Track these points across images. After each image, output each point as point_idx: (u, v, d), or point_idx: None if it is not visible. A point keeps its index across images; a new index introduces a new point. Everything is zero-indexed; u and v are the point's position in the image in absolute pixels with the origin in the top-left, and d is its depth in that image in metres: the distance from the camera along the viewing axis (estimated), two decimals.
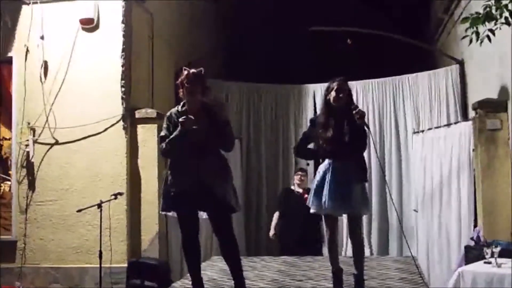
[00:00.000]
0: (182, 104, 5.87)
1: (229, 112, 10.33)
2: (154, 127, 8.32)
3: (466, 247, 7.22)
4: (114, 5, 8.36)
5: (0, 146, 8.67)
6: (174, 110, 5.91)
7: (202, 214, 5.93)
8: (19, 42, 8.52)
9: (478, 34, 5.76)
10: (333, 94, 6.02)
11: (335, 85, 6.03)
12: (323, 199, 5.96)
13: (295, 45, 13.76)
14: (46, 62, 8.43)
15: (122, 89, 8.28)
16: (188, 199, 5.68)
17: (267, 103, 11.08)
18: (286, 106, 11.04)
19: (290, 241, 9.19)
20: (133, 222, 8.22)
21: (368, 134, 6.07)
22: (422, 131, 9.34)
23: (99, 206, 7.03)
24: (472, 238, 7.39)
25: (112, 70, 8.30)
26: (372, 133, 10.19)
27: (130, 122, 8.33)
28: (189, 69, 5.80)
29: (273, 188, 10.85)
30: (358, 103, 10.28)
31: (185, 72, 5.78)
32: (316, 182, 6.14)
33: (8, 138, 8.64)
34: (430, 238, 8.79)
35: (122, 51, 8.33)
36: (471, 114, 8.34)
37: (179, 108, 5.86)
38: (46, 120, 8.37)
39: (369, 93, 10.51)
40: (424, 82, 10.24)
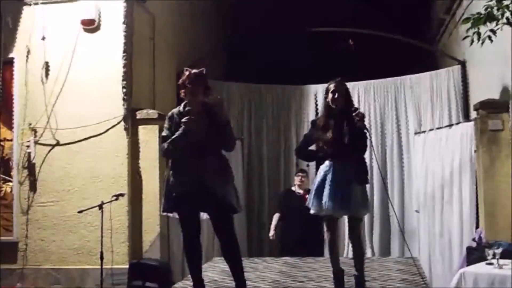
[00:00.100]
0: (183, 104, 5.88)
1: (229, 111, 10.33)
2: (155, 128, 8.31)
3: (468, 248, 7.20)
4: (115, 6, 8.34)
5: (1, 147, 8.65)
6: (175, 110, 5.93)
7: (203, 215, 5.93)
8: (21, 43, 8.50)
9: (479, 34, 5.76)
10: (330, 95, 6.07)
11: (332, 86, 6.08)
12: (323, 200, 5.98)
13: (296, 45, 13.77)
14: (47, 63, 8.41)
15: (123, 90, 8.26)
16: (189, 200, 5.68)
17: (268, 104, 11.07)
18: (287, 106, 11.03)
19: (290, 241, 9.19)
20: (134, 223, 8.21)
21: (368, 136, 6.11)
22: (424, 132, 9.33)
23: (100, 207, 7.01)
24: (473, 239, 7.37)
25: (113, 70, 8.28)
26: (373, 134, 10.24)
27: (131, 123, 8.30)
28: (190, 69, 5.81)
29: (274, 189, 10.84)
30: (360, 104, 10.32)
31: (186, 72, 5.79)
32: (316, 183, 6.16)
33: (9, 139, 8.62)
34: (432, 239, 8.78)
35: (123, 52, 8.31)
36: (473, 114, 8.33)
37: (181, 108, 5.87)
38: (48, 121, 8.36)
39: (370, 93, 10.50)
40: (425, 83, 10.22)
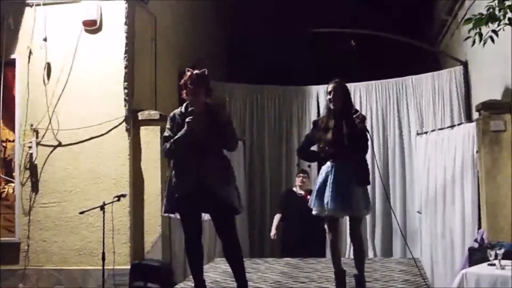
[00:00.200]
0: (185, 105, 5.88)
1: (231, 112, 10.33)
2: (157, 129, 8.30)
3: (470, 249, 7.19)
4: (117, 6, 8.34)
5: (3, 148, 8.66)
6: (177, 111, 5.93)
7: (205, 215, 5.93)
8: (22, 44, 8.50)
9: (481, 35, 5.75)
10: (328, 96, 6.13)
11: (330, 87, 6.13)
12: (325, 201, 5.99)
13: (297, 46, 13.76)
14: (49, 64, 8.41)
15: (125, 90, 8.25)
16: (191, 201, 5.68)
17: (270, 105, 11.07)
18: (289, 107, 11.03)
19: (291, 242, 9.20)
20: (136, 224, 8.20)
21: (369, 137, 6.12)
22: (426, 133, 9.31)
23: (102, 208, 7.01)
24: (476, 240, 7.36)
25: (114, 71, 8.28)
26: (375, 134, 10.25)
27: (133, 123, 8.30)
28: (192, 70, 5.81)
29: (276, 189, 10.85)
30: (361, 105, 10.33)
31: (188, 73, 5.79)
32: (318, 184, 6.17)
33: (11, 140, 8.62)
34: (434, 240, 8.76)
35: (125, 53, 8.30)
36: (475, 115, 8.31)
37: (182, 109, 5.87)
38: (49, 122, 8.36)
39: (372, 94, 10.49)
40: (427, 84, 10.22)
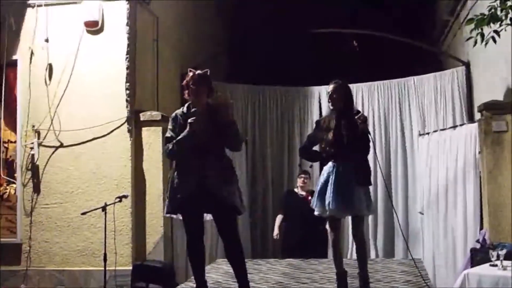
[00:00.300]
0: (187, 105, 5.87)
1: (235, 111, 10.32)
2: (159, 130, 8.31)
3: (472, 250, 7.18)
4: (119, 7, 8.34)
5: (5, 149, 8.66)
6: (179, 111, 5.91)
7: (207, 216, 5.92)
8: (24, 44, 8.51)
9: (483, 35, 5.74)
10: (328, 97, 6.16)
11: (330, 87, 6.14)
12: (327, 201, 6.00)
13: (300, 47, 13.76)
14: (50, 65, 8.42)
15: (127, 91, 8.26)
16: (193, 202, 5.67)
17: (272, 106, 11.06)
18: (291, 108, 11.03)
19: (292, 242, 9.18)
20: (137, 225, 8.21)
21: (370, 138, 6.13)
22: (428, 133, 9.30)
23: (104, 208, 7.00)
24: (478, 241, 7.35)
25: (116, 72, 8.28)
26: (377, 135, 10.25)
27: (135, 124, 8.30)
28: (194, 70, 5.80)
29: (278, 190, 10.84)
30: (363, 105, 10.33)
31: (190, 73, 5.78)
32: (319, 184, 6.18)
33: (13, 141, 8.63)
34: (436, 241, 8.75)
35: (127, 54, 8.30)
36: (477, 116, 8.30)
37: (184, 109, 5.86)
38: (51, 122, 8.36)
39: (374, 95, 10.49)
40: (429, 84, 10.21)
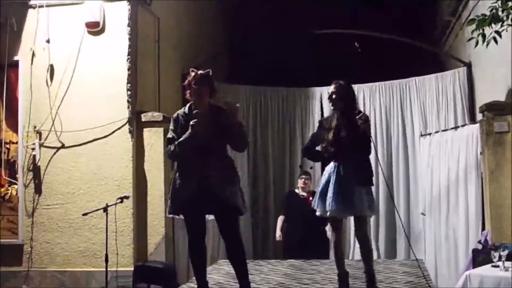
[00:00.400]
0: (188, 105, 5.85)
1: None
2: (160, 131, 8.31)
3: (474, 251, 7.17)
4: (120, 8, 8.34)
5: (6, 149, 8.66)
6: (180, 111, 5.89)
7: (209, 216, 5.92)
8: (25, 45, 8.51)
9: (484, 36, 5.74)
10: (328, 97, 6.17)
11: (331, 88, 6.13)
12: (328, 202, 5.99)
13: (301, 47, 13.75)
14: (52, 66, 8.41)
15: (128, 92, 8.26)
16: (195, 202, 5.66)
17: (274, 106, 11.06)
18: (292, 109, 11.02)
19: (293, 243, 9.18)
20: (139, 226, 8.20)
21: (371, 139, 6.12)
22: (429, 134, 9.30)
23: (105, 209, 6.98)
24: (479, 242, 7.34)
25: (118, 73, 8.27)
26: (379, 136, 10.24)
27: (136, 125, 8.30)
28: (196, 70, 5.79)
29: (280, 190, 10.83)
30: (365, 106, 10.32)
31: (192, 73, 5.76)
32: (321, 185, 6.18)
33: (14, 142, 8.63)
34: (438, 242, 8.75)
35: (128, 55, 8.30)
36: (479, 116, 8.30)
37: (186, 109, 5.84)
38: (52, 123, 8.36)
39: (376, 95, 10.48)
40: (431, 85, 10.20)
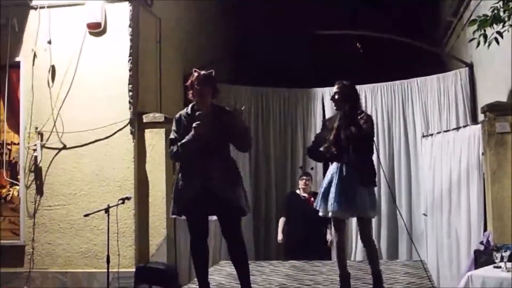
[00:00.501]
0: (191, 106, 5.84)
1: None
2: (162, 132, 8.30)
3: (476, 251, 7.17)
4: (121, 9, 8.33)
5: (8, 150, 8.66)
6: (183, 112, 5.88)
7: (211, 217, 5.92)
8: (27, 46, 8.50)
9: (486, 36, 5.74)
10: (331, 97, 6.17)
11: (334, 88, 6.13)
12: (330, 202, 5.98)
13: (303, 48, 13.74)
14: (53, 67, 8.40)
15: (130, 93, 8.24)
16: (198, 204, 5.66)
17: (275, 107, 11.05)
18: (294, 110, 11.02)
19: (294, 244, 9.18)
20: (141, 227, 8.19)
21: (373, 139, 6.12)
22: (431, 135, 9.29)
23: (107, 210, 6.97)
24: (481, 242, 7.33)
25: (119, 74, 8.26)
26: (380, 137, 10.22)
27: (138, 126, 8.29)
28: (199, 70, 5.78)
29: (281, 192, 10.83)
30: (367, 107, 10.30)
31: (195, 73, 5.74)
32: (324, 185, 6.18)
33: (16, 143, 8.62)
34: (440, 242, 8.74)
35: (130, 56, 8.29)
36: (480, 117, 8.29)
37: (188, 110, 5.83)
38: (54, 124, 8.35)
39: (377, 96, 10.47)
40: (433, 85, 10.19)
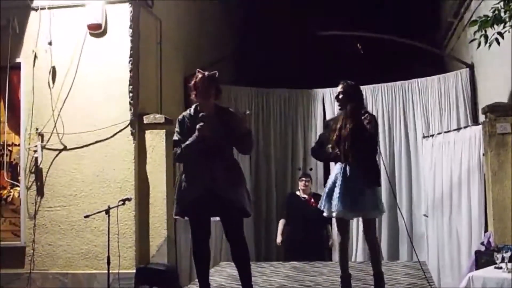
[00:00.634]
0: (194, 107, 5.82)
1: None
2: (162, 133, 8.29)
3: (477, 252, 7.16)
4: (122, 10, 8.32)
5: (9, 152, 8.66)
6: (186, 113, 5.86)
7: (214, 218, 5.91)
8: (27, 47, 8.49)
9: (486, 37, 5.73)
10: (335, 97, 6.16)
11: (338, 87, 6.12)
12: (334, 203, 5.99)
13: (303, 49, 13.74)
14: (54, 68, 8.39)
15: (130, 94, 8.23)
16: (200, 205, 5.65)
17: (276, 108, 11.05)
18: (294, 111, 11.01)
19: (294, 245, 9.18)
20: (141, 228, 8.18)
21: (377, 139, 6.12)
22: (432, 136, 9.29)
23: (107, 211, 6.97)
24: (482, 243, 7.33)
25: (120, 75, 8.25)
26: (381, 137, 10.21)
27: (138, 127, 8.28)
28: (203, 72, 5.76)
29: (282, 192, 10.83)
30: (367, 107, 10.29)
31: (199, 74, 5.71)
32: (328, 186, 6.19)
33: (16, 144, 8.62)
34: (441, 243, 8.74)
35: (130, 57, 8.28)
36: (481, 118, 8.29)
37: (191, 111, 5.81)
38: (54, 125, 8.34)
39: (378, 97, 10.46)
40: (433, 86, 10.19)
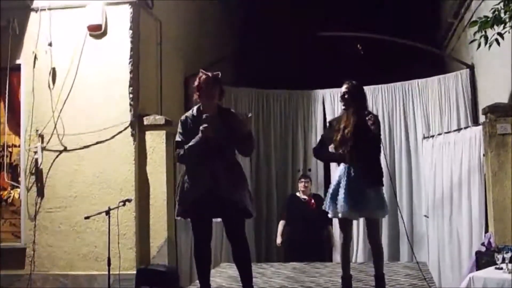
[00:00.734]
0: (196, 108, 5.81)
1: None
2: (162, 134, 8.29)
3: (477, 253, 7.16)
4: (122, 11, 8.32)
5: (9, 153, 8.66)
6: (188, 114, 5.84)
7: (215, 219, 5.91)
8: (27, 48, 8.49)
9: (486, 38, 5.73)
10: (340, 97, 6.16)
11: (343, 87, 6.13)
12: (338, 203, 6.00)
13: (304, 50, 13.74)
14: (54, 69, 8.40)
15: (130, 95, 8.23)
16: (202, 206, 5.65)
17: (276, 109, 11.04)
18: (295, 111, 11.00)
19: (295, 246, 9.18)
20: (141, 229, 8.18)
21: (380, 140, 6.13)
22: (432, 136, 9.29)
23: (107, 212, 6.97)
24: (483, 244, 7.33)
25: (120, 76, 8.25)
26: (382, 138, 10.19)
27: (138, 128, 8.28)
28: (206, 72, 5.74)
29: (282, 193, 10.82)
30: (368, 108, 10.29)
31: (203, 75, 5.69)
32: (332, 186, 6.21)
33: (17, 145, 8.62)
34: (441, 244, 8.74)
35: (130, 58, 8.28)
36: (481, 118, 8.28)
37: (194, 112, 5.79)
38: (55, 126, 8.34)
39: (378, 98, 10.46)
40: (434, 87, 10.18)
